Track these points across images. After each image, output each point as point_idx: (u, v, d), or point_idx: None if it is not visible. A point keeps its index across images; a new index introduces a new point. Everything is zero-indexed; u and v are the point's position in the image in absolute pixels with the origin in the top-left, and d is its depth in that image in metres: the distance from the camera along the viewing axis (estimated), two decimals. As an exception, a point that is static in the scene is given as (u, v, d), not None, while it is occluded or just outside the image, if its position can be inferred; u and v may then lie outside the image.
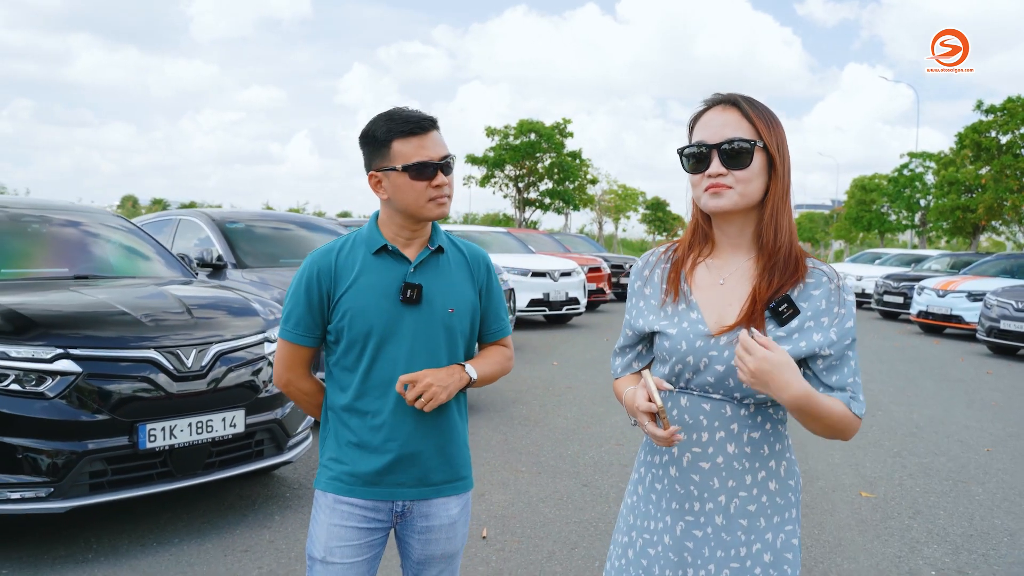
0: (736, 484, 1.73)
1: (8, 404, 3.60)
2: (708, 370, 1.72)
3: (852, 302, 1.73)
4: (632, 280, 1.92)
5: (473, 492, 4.88)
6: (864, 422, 7.20)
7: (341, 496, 2.10)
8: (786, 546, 1.75)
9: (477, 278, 2.22)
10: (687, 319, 1.76)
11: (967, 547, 4.30)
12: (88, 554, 3.86)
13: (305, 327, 2.12)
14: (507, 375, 8.99)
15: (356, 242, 2.14)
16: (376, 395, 2.08)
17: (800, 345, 1.68)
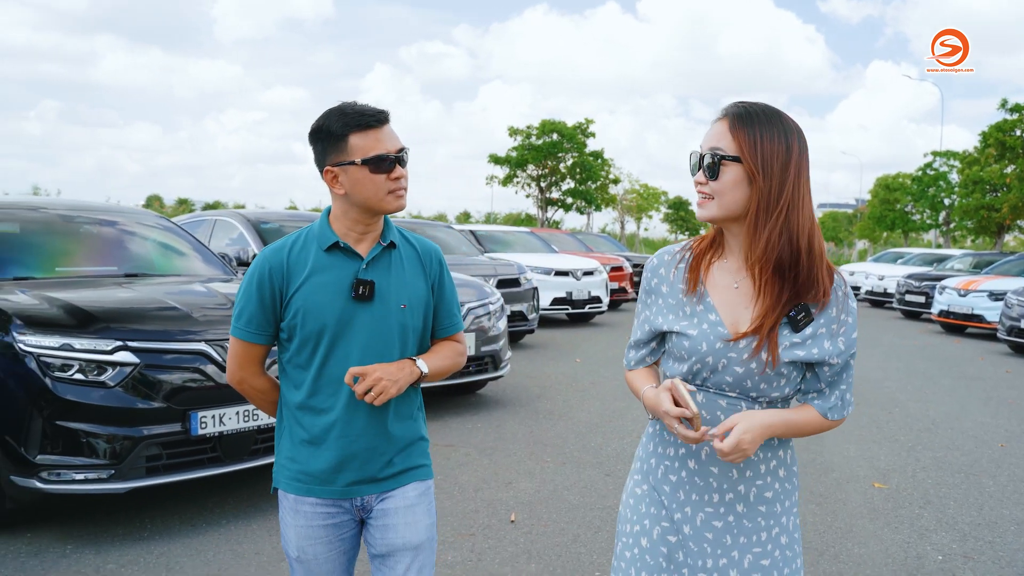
0: (753, 474, 1.83)
1: (73, 392, 3.88)
2: (726, 371, 1.79)
3: (855, 309, 1.82)
4: (648, 277, 1.95)
5: (500, 480, 5.13)
6: (881, 418, 7.39)
7: (301, 496, 2.11)
8: (795, 527, 1.88)
9: (429, 273, 2.21)
10: (706, 321, 1.81)
11: (974, 535, 4.50)
12: (144, 532, 4.14)
13: (257, 325, 2.11)
14: (533, 371, 9.24)
15: (308, 239, 2.13)
16: (329, 392, 2.08)
17: (812, 351, 1.76)
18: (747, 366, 1.76)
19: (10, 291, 4.49)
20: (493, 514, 4.56)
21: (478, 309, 7.19)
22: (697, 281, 1.85)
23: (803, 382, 1.84)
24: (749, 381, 1.78)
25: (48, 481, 3.84)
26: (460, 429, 6.52)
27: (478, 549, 4.06)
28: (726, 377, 1.79)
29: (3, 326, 4.07)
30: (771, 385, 1.79)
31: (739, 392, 1.80)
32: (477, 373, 7.17)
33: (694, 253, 1.90)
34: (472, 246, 12.70)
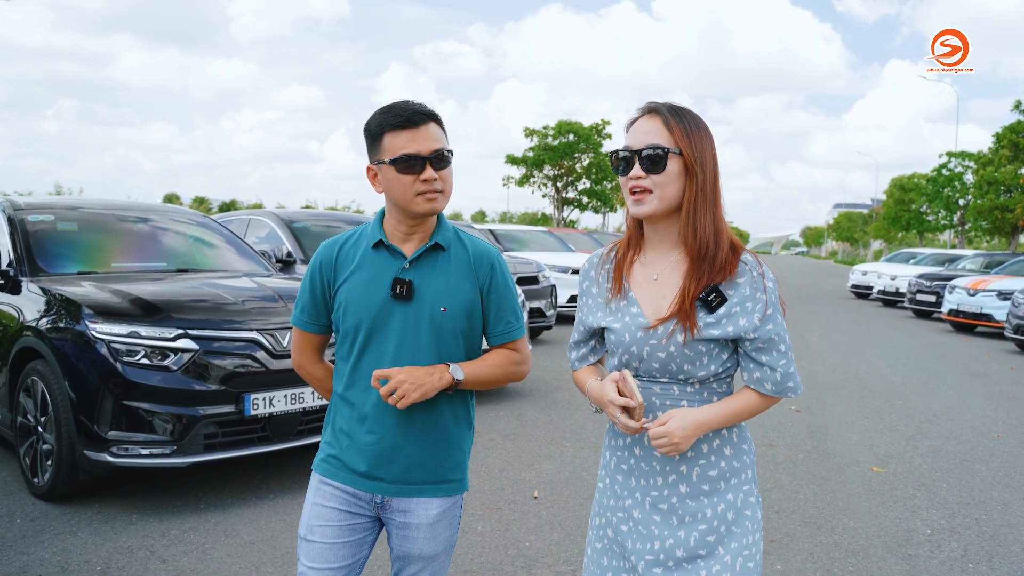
0: (695, 454, 1.90)
1: (139, 375, 4.30)
2: (652, 358, 1.88)
3: (773, 288, 1.88)
4: (580, 280, 2.08)
5: (523, 462, 5.52)
6: (884, 409, 7.73)
7: (326, 478, 2.15)
8: (745, 504, 1.91)
9: (479, 277, 2.17)
10: (628, 313, 1.92)
11: (962, 512, 4.85)
12: (199, 504, 4.56)
13: (309, 315, 2.19)
14: (551, 365, 9.61)
15: (361, 236, 2.17)
16: (362, 387, 2.11)
17: (728, 329, 1.84)
18: (667, 350, 1.85)
19: (77, 284, 4.93)
20: (518, 491, 4.95)
21: (500, 304, 7.57)
22: (620, 279, 1.96)
23: (730, 362, 1.91)
24: (673, 364, 1.86)
25: (118, 455, 4.26)
26: (485, 417, 6.92)
27: (505, 521, 4.45)
28: (653, 364, 1.88)
29: (74, 315, 4.50)
30: (695, 365, 1.86)
31: (668, 377, 1.88)
32: (499, 365, 7.54)
33: (618, 255, 2.01)
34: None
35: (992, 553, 4.22)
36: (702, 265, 1.85)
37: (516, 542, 4.15)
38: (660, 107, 1.89)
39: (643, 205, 1.86)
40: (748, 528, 1.90)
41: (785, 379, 1.88)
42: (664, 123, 1.85)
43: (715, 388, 1.90)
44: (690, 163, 1.84)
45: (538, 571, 3.80)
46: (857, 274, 25.20)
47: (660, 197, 1.85)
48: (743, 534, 1.89)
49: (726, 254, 1.86)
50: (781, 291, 1.92)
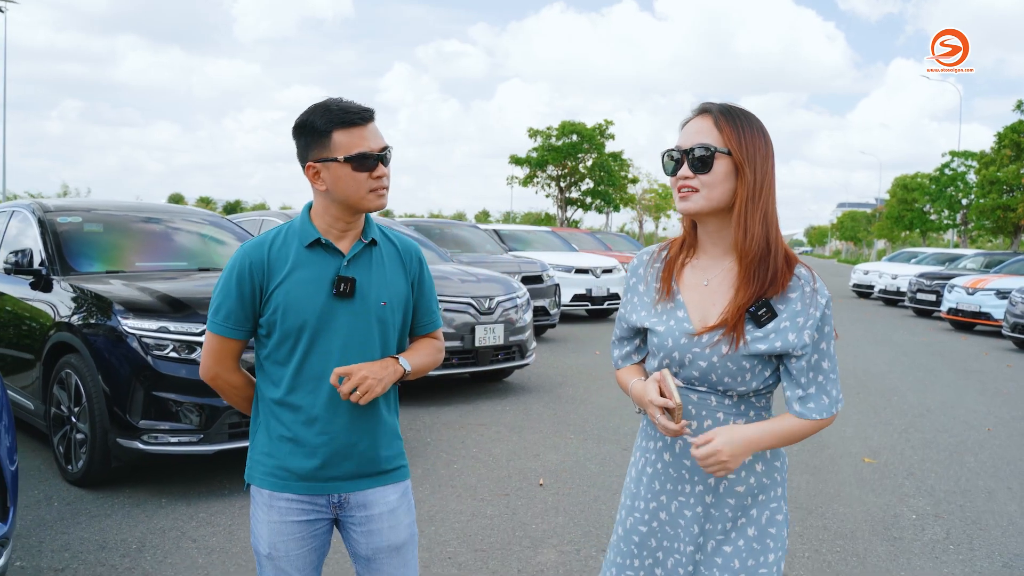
0: None
1: (169, 367, 4.57)
2: (692, 365, 1.84)
3: (824, 304, 1.82)
4: (628, 277, 2.05)
5: (529, 453, 5.78)
6: (879, 404, 7.98)
7: (277, 492, 2.09)
8: (770, 522, 1.89)
9: (410, 271, 2.21)
10: (674, 317, 1.88)
11: (948, 500, 5.10)
12: (223, 490, 4.82)
13: (235, 320, 2.07)
14: (555, 362, 9.88)
15: (289, 235, 2.10)
16: (309, 389, 2.06)
17: (775, 344, 1.79)
18: (709, 359, 1.82)
19: (105, 282, 5.20)
20: (524, 479, 5.21)
21: (506, 302, 7.84)
22: (670, 280, 1.92)
23: (772, 379, 1.87)
24: (714, 375, 1.83)
25: (148, 443, 4.52)
26: (491, 411, 7.18)
27: (512, 506, 4.71)
28: (693, 372, 1.84)
29: (105, 311, 4.77)
30: (735, 380, 1.82)
31: (707, 387, 1.85)
32: (506, 361, 7.83)
33: (669, 254, 1.97)
34: (496, 244, 13.36)
35: (973, 536, 4.47)
36: (754, 274, 1.81)
37: (523, 525, 4.41)
38: (711, 107, 1.86)
39: (688, 202, 1.83)
40: (769, 547, 1.88)
41: (831, 404, 1.84)
42: (714, 123, 1.82)
43: (754, 403, 1.87)
44: (740, 163, 1.80)
45: (544, 551, 4.06)
46: (859, 273, 25.41)
47: (707, 196, 1.81)
48: (762, 551, 1.87)
49: (780, 265, 1.82)
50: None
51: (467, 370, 7.63)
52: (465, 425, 6.62)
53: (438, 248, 9.77)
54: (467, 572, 3.79)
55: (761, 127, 1.85)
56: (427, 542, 4.12)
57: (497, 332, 7.60)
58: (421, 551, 3.98)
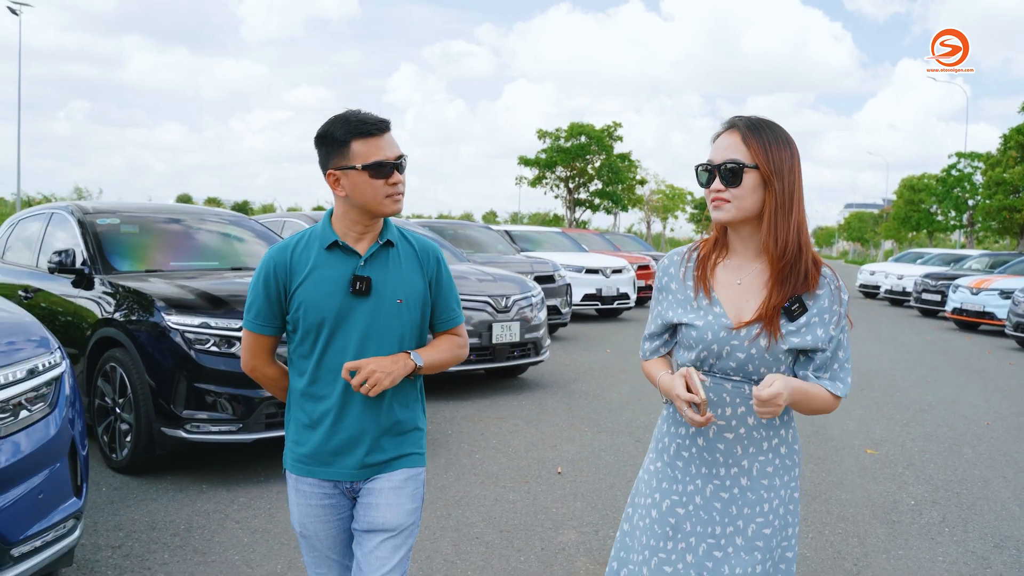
0: (756, 450, 2.01)
1: (210, 361, 4.86)
2: (730, 357, 1.97)
3: (846, 301, 2.00)
4: (660, 276, 2.15)
5: (546, 444, 6.06)
6: (881, 400, 8.24)
7: (301, 477, 2.28)
8: (791, 499, 2.06)
9: (427, 270, 2.33)
10: (711, 313, 2.00)
11: (945, 487, 5.37)
12: (259, 477, 5.11)
13: (265, 318, 2.26)
14: (567, 359, 10.16)
15: (311, 238, 2.26)
16: (327, 381, 2.21)
17: (807, 338, 1.94)
18: (747, 352, 1.95)
19: (145, 280, 5.50)
20: (543, 468, 5.49)
21: (521, 301, 8.12)
22: (704, 278, 2.04)
23: (796, 366, 2.01)
24: (751, 366, 1.96)
25: (191, 432, 4.82)
26: (508, 405, 7.46)
27: (533, 492, 4.99)
28: (730, 363, 1.97)
29: (147, 308, 5.07)
30: (770, 370, 1.96)
31: (742, 376, 1.98)
32: (521, 357, 8.11)
33: (700, 254, 2.10)
34: (508, 245, 13.64)
35: (967, 520, 4.74)
36: (786, 274, 1.95)
37: (544, 509, 4.69)
38: (739, 122, 1.97)
39: (721, 212, 1.96)
40: (790, 521, 2.05)
41: (845, 388, 2.00)
42: (742, 138, 1.94)
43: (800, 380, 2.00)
44: (767, 176, 1.92)
45: (564, 531, 4.34)
46: (865, 274, 25.63)
47: (738, 207, 1.94)
48: (786, 526, 2.04)
49: (810, 266, 1.96)
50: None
51: (484, 366, 7.91)
52: (484, 418, 6.91)
53: (454, 248, 10.06)
54: (494, 550, 4.07)
55: (787, 138, 1.97)
56: (455, 523, 4.40)
57: (513, 330, 7.88)
58: (450, 532, 4.27)
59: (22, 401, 3.00)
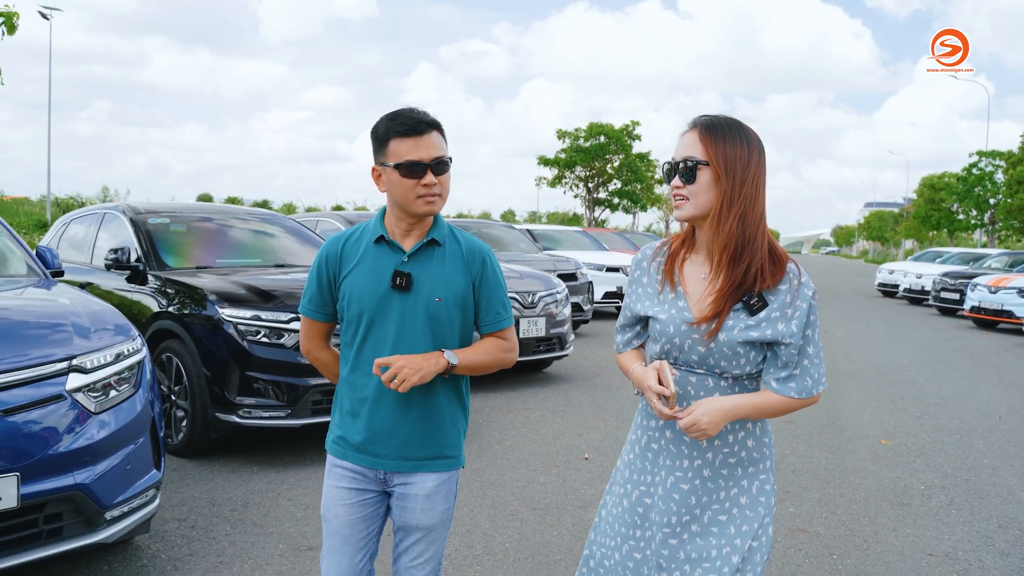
0: (720, 442, 2.08)
1: (261, 351, 5.21)
2: (692, 350, 2.03)
3: (810, 296, 2.01)
4: (633, 269, 2.23)
5: (573, 432, 6.37)
6: (896, 394, 8.49)
7: (336, 459, 2.35)
8: (760, 491, 2.10)
9: (472, 271, 2.33)
10: (675, 307, 2.06)
11: (954, 475, 5.64)
12: (306, 460, 5.46)
13: (316, 304, 2.36)
14: (590, 354, 10.45)
15: (364, 231, 2.34)
16: (365, 371, 2.28)
17: (766, 332, 1.98)
18: (707, 345, 2.01)
19: (196, 276, 5.86)
20: (570, 454, 5.81)
21: (547, 298, 8.44)
22: (672, 273, 2.11)
23: (765, 363, 2.05)
24: (711, 359, 2.02)
25: (244, 417, 5.17)
26: (534, 397, 7.78)
27: (562, 475, 5.31)
28: (692, 356, 2.03)
29: (200, 301, 5.43)
30: (731, 363, 2.01)
31: (705, 369, 2.03)
32: (547, 352, 8.42)
33: (671, 249, 2.16)
34: (531, 244, 13.94)
35: (974, 503, 5.01)
36: (732, 268, 2.00)
37: (573, 490, 5.01)
38: (699, 122, 2.04)
39: (680, 210, 2.05)
40: (760, 513, 2.08)
41: (813, 385, 2.04)
42: (699, 137, 2.01)
43: (747, 385, 2.07)
44: (718, 174, 1.98)
45: (593, 510, 4.65)
46: (884, 273, 25.74)
47: (694, 204, 2.01)
48: (754, 518, 2.07)
49: (762, 260, 2.00)
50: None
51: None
52: (512, 409, 7.23)
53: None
54: (528, 526, 4.39)
55: (747, 137, 2.02)
56: (491, 503, 4.73)
57: (539, 325, 8.20)
58: (487, 510, 4.60)
59: (111, 382, 3.35)
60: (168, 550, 3.92)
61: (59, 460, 3.04)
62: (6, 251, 4.53)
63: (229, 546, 3.99)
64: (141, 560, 3.80)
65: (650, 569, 2.10)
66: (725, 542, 2.04)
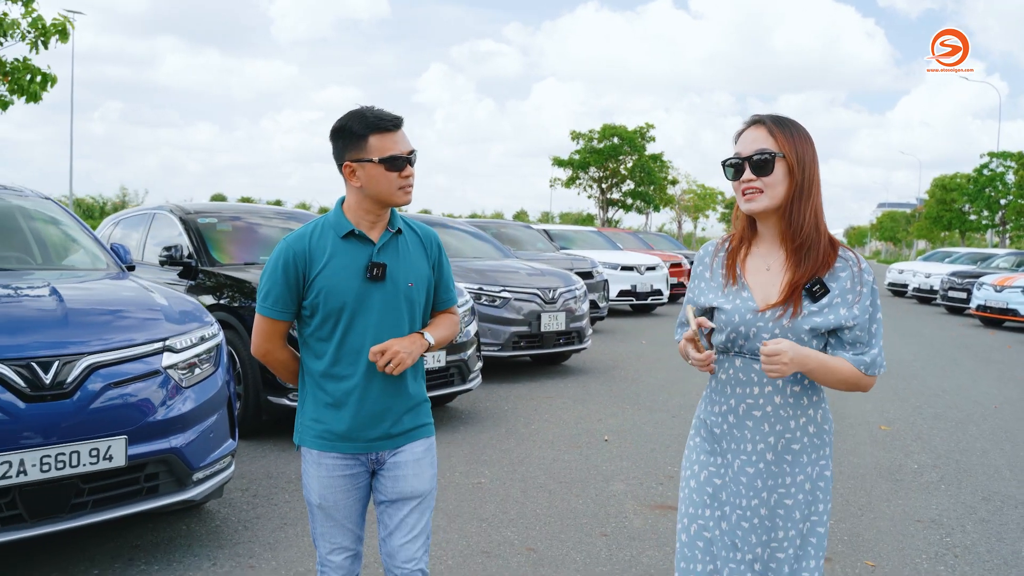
0: (782, 428, 2.12)
1: (309, 340, 5.69)
2: (756, 338, 2.08)
3: (871, 281, 2.09)
4: (695, 265, 2.31)
5: (592, 418, 6.85)
6: (898, 386, 8.93)
7: (324, 452, 2.40)
8: (820, 476, 2.17)
9: (430, 255, 2.50)
10: (739, 297, 2.12)
11: (947, 455, 6.09)
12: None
13: (282, 304, 2.37)
14: (606, 349, 10.93)
15: (325, 227, 2.38)
16: (349, 361, 2.35)
17: (829, 318, 2.05)
18: (772, 332, 2.06)
19: (244, 271, 6.36)
20: (591, 437, 6.29)
21: (566, 293, 8.91)
22: (734, 266, 2.18)
23: (830, 349, 2.11)
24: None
25: (294, 400, 5.65)
26: (555, 386, 8.27)
27: (585, 454, 5.79)
28: (757, 344, 2.08)
29: (251, 294, 5.92)
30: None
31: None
32: (566, 345, 8.90)
33: (731, 245, 2.24)
34: (547, 243, 14.42)
35: (962, 480, 5.47)
36: (802, 256, 2.08)
37: (595, 467, 5.49)
38: (764, 118, 2.12)
39: (754, 203, 2.08)
40: (819, 498, 2.16)
41: (874, 363, 2.09)
42: (769, 132, 2.08)
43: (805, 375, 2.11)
44: (792, 165, 2.05)
45: (614, 483, 5.13)
46: (894, 272, 26.11)
47: (770, 196, 2.07)
48: (815, 502, 2.15)
49: (825, 247, 2.09)
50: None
51: (533, 352, 8.71)
52: (535, 397, 7.71)
53: (502, 246, 10.85)
54: (556, 496, 4.87)
55: (806, 133, 2.13)
56: (521, 476, 5.21)
57: (559, 319, 8.67)
58: (518, 482, 5.08)
59: (196, 361, 3.85)
60: (236, 514, 4.42)
61: (157, 427, 3.53)
62: (90, 248, 5.03)
63: (290, 511, 4.47)
64: (214, 522, 4.30)
65: (721, 548, 2.18)
66: (791, 525, 2.13)
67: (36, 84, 8.83)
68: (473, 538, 4.18)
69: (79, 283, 4.39)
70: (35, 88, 8.92)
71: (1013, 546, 4.31)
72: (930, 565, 4.03)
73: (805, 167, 2.07)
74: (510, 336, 8.33)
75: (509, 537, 4.21)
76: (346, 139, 2.35)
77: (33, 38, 8.60)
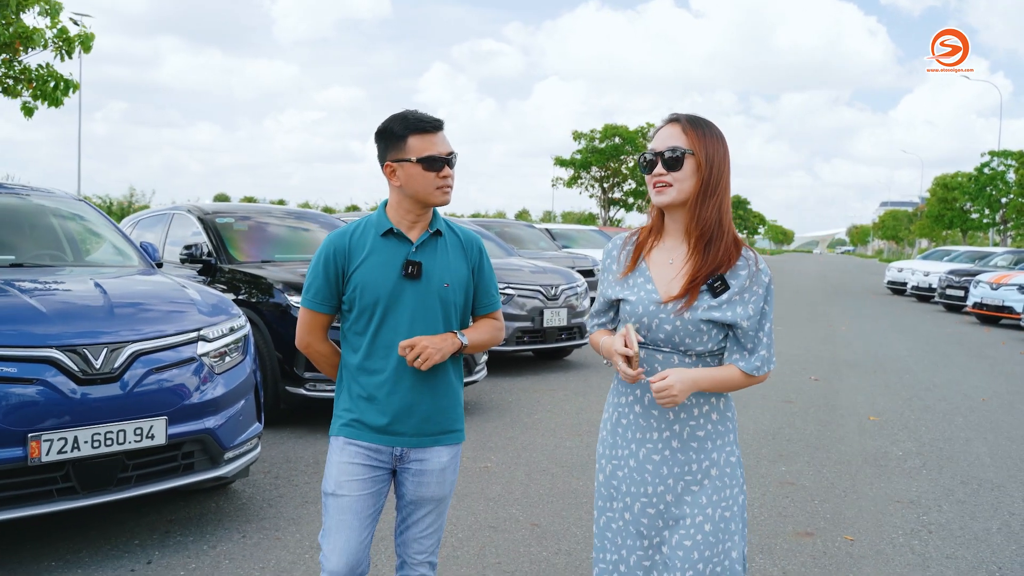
0: (687, 416, 2.20)
1: (325, 333, 6.02)
2: (659, 329, 2.16)
3: (767, 282, 2.19)
4: (603, 258, 2.37)
5: (594, 409, 7.16)
6: (891, 380, 9.24)
7: (350, 439, 2.46)
8: (727, 462, 2.22)
9: (470, 258, 2.55)
10: (643, 289, 2.20)
11: (931, 443, 6.40)
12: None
13: (323, 297, 2.46)
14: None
15: (367, 226, 2.47)
16: (381, 355, 2.42)
17: (727, 314, 2.13)
18: (673, 323, 2.14)
19: (262, 268, 6.68)
20: (591, 425, 6.60)
21: (568, 290, 9.22)
22: (639, 259, 2.26)
23: (725, 341, 2.20)
24: (677, 337, 2.15)
25: (310, 390, 5.98)
26: (556, 380, 8.59)
27: (585, 441, 6.11)
28: (659, 335, 2.16)
29: (269, 290, 6.25)
30: (695, 340, 2.15)
31: (671, 347, 2.17)
32: (568, 340, 9.22)
33: (638, 239, 2.30)
34: (549, 242, 14.75)
35: (943, 466, 5.78)
36: (705, 251, 2.16)
37: (594, 452, 5.78)
38: (679, 116, 2.21)
39: (663, 196, 2.17)
40: (727, 483, 2.20)
41: (764, 364, 2.19)
42: (682, 130, 2.17)
43: (709, 362, 2.20)
44: (700, 162, 2.14)
45: (613, 468, 5.44)
46: (893, 271, 26.40)
47: (679, 190, 2.15)
48: (723, 487, 2.20)
49: (728, 245, 2.17)
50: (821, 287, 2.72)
51: (536, 347, 9.03)
52: (537, 390, 8.03)
53: (505, 244, 11.17)
54: (558, 479, 5.19)
55: (719, 134, 2.21)
56: (525, 461, 5.53)
57: (561, 315, 8.99)
58: (522, 466, 5.40)
59: (226, 350, 4.17)
60: (261, 493, 4.74)
61: (193, 409, 3.85)
62: (122, 246, 5.36)
63: (310, 491, 4.80)
64: (241, 500, 4.62)
65: (627, 537, 2.25)
66: (698, 511, 2.17)
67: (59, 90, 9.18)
68: (481, 515, 4.50)
69: (117, 278, 4.71)
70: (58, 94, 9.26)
71: (985, 524, 4.62)
72: (905, 540, 4.34)
73: (713, 165, 2.16)
74: (514, 331, 8.64)
75: (514, 514, 4.53)
76: (388, 140, 2.45)
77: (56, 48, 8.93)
